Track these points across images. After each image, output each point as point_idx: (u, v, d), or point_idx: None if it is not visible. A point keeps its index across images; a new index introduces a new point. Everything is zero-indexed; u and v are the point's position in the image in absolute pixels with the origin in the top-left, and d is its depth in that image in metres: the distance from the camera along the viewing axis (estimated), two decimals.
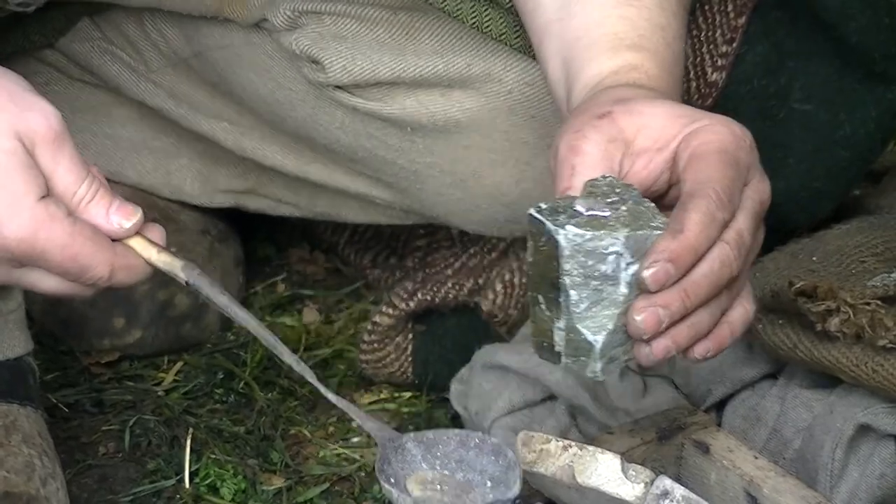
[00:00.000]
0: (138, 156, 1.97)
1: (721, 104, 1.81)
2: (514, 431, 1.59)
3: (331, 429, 1.86)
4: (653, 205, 1.42)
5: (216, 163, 1.94)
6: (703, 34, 1.82)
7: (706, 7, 1.81)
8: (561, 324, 1.40)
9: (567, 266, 1.39)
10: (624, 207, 1.41)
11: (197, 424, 1.83)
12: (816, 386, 1.66)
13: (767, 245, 1.75)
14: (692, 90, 1.82)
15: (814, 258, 1.68)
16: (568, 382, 1.73)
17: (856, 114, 1.84)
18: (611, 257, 1.39)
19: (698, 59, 1.83)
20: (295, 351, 1.84)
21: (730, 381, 1.71)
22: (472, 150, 1.73)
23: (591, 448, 1.47)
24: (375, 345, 1.86)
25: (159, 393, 1.88)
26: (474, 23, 1.71)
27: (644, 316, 1.37)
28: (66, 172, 1.39)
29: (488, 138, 1.76)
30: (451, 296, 1.86)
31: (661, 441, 1.56)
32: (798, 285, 1.62)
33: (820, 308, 1.60)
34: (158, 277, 1.88)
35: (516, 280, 1.85)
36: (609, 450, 1.47)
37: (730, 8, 1.83)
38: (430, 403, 1.86)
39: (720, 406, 1.72)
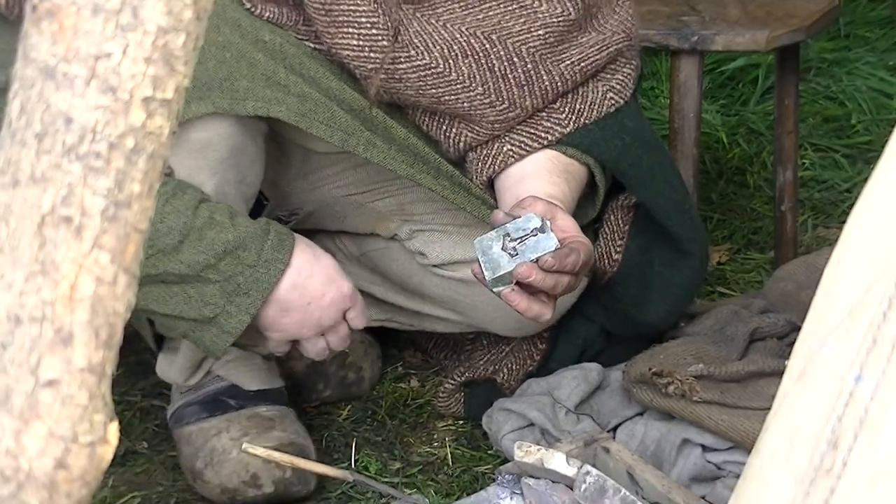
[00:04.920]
0: None
1: (621, 271, 1.79)
2: (513, 441, 1.62)
3: (423, 438, 1.87)
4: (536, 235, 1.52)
5: (375, 305, 1.88)
6: (608, 237, 1.80)
7: (608, 222, 1.80)
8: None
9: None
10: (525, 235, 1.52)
11: (357, 436, 1.86)
12: (663, 419, 1.70)
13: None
14: (606, 266, 1.79)
15: (661, 357, 1.72)
16: (541, 417, 1.74)
17: (682, 271, 1.81)
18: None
19: (608, 248, 1.80)
20: (399, 401, 1.92)
21: (619, 416, 1.75)
22: None
23: (551, 450, 1.53)
24: (445, 398, 1.88)
25: (340, 420, 1.90)
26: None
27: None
28: None
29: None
30: (482, 374, 1.87)
31: (585, 447, 1.59)
32: (653, 370, 1.67)
33: (664, 381, 1.66)
34: (342, 361, 1.92)
35: (515, 368, 1.84)
36: (560, 451, 1.53)
37: (621, 222, 1.81)
38: (472, 426, 1.86)
39: (615, 429, 1.74)
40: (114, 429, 0.73)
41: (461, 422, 1.90)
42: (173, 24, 0.70)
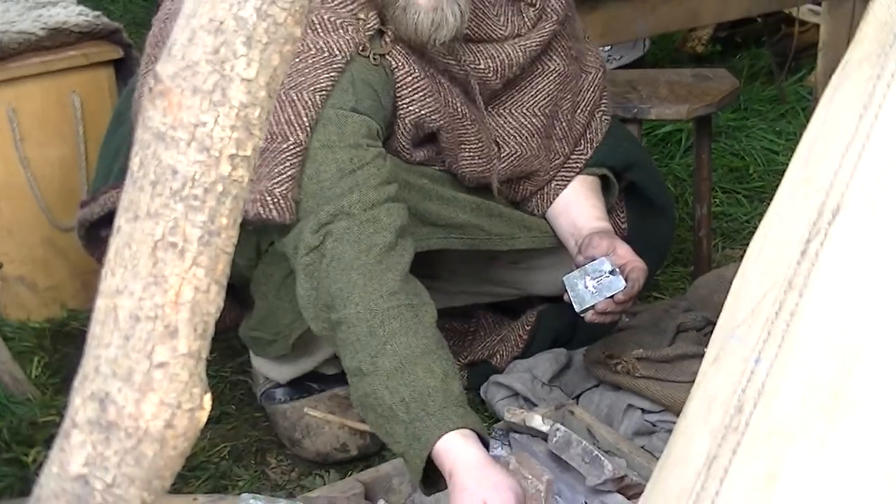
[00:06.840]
0: None
1: (625, 237, 1.70)
2: (504, 406, 1.62)
3: None
4: (605, 278, 1.53)
5: (438, 296, 1.70)
6: (615, 215, 1.78)
7: (612, 207, 1.78)
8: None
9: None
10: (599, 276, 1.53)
11: None
12: (613, 390, 1.69)
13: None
14: (620, 235, 1.72)
15: (612, 344, 1.70)
16: (524, 388, 1.72)
17: (662, 230, 1.81)
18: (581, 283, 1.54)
19: (617, 224, 1.78)
20: None
21: (581, 387, 1.73)
22: (552, 270, 1.69)
23: (531, 413, 1.52)
24: None
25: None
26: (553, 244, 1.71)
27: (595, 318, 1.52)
28: None
29: (560, 263, 1.70)
30: (480, 357, 1.84)
31: (556, 410, 1.58)
32: (606, 353, 1.67)
33: (613, 361, 1.66)
34: None
35: (504, 352, 1.81)
36: (537, 413, 1.52)
37: (620, 202, 1.81)
38: (473, 395, 1.82)
39: (578, 397, 1.73)
40: (208, 398, 0.72)
41: (467, 390, 1.85)
42: (251, 101, 0.70)
